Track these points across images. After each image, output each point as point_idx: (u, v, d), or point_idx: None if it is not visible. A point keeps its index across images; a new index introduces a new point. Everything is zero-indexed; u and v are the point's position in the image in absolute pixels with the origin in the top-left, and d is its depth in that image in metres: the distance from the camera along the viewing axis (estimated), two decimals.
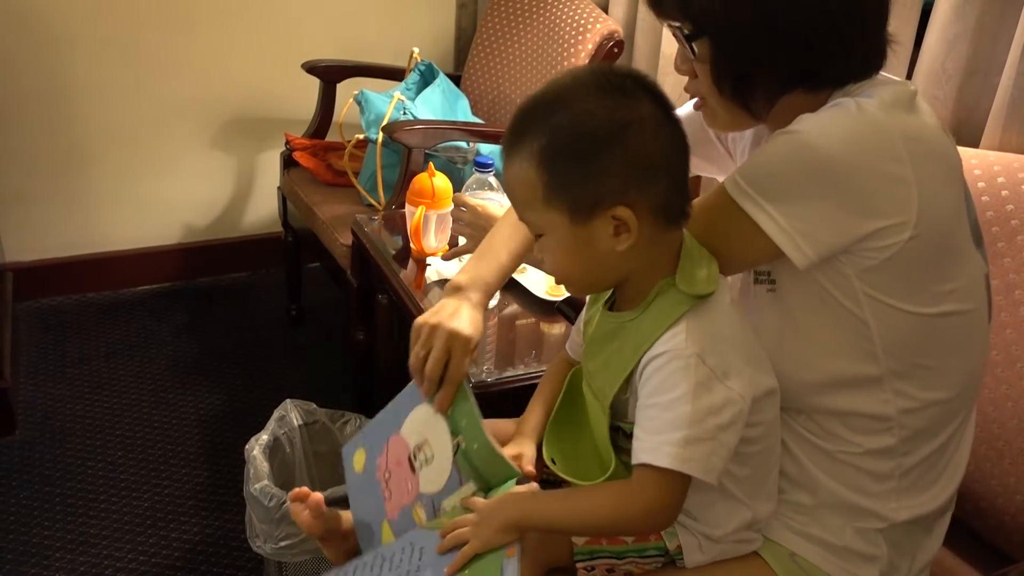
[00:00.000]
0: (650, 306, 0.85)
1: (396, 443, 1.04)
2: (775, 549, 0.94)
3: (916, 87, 0.88)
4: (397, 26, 2.58)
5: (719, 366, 0.81)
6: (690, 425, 0.79)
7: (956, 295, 0.88)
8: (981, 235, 0.94)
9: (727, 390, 0.81)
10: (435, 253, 1.60)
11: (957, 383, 0.91)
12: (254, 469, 1.38)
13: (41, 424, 1.98)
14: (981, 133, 1.34)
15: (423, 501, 0.98)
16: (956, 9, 1.35)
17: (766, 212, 0.83)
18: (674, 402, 0.80)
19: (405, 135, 1.84)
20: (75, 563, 1.62)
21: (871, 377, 0.88)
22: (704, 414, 0.79)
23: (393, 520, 1.01)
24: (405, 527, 0.98)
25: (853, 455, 0.91)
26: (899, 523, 0.92)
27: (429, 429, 0.99)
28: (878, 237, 0.81)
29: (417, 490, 0.99)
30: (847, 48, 0.86)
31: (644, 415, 0.82)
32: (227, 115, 2.49)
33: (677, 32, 0.89)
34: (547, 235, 0.85)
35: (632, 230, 0.81)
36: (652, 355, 0.83)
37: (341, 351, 2.34)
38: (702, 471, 0.79)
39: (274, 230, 2.57)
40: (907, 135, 0.82)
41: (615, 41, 2.04)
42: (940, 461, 0.93)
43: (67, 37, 2.23)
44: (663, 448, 0.79)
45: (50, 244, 2.43)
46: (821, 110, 0.85)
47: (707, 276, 0.84)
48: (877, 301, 0.85)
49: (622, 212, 0.80)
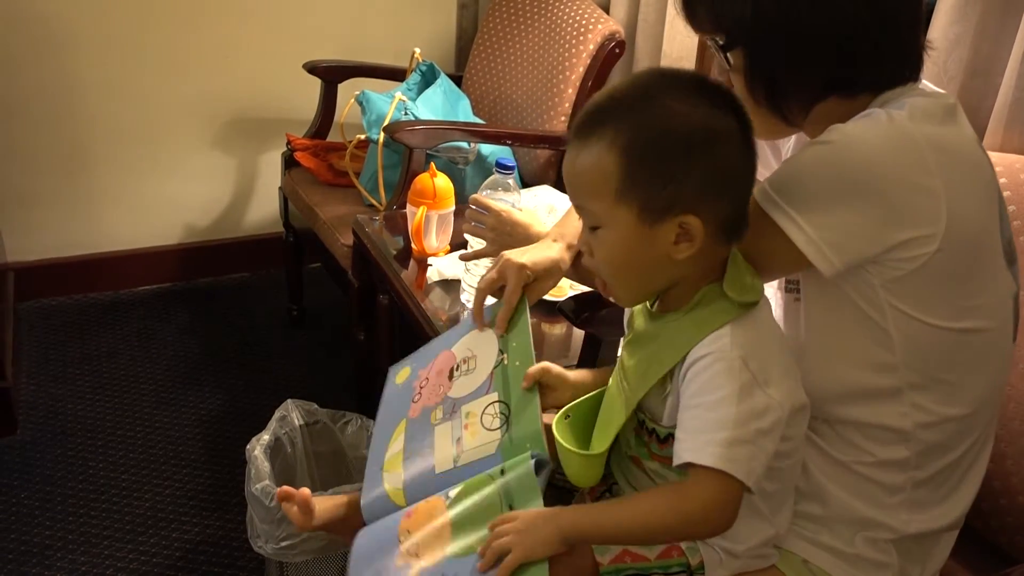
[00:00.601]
0: (693, 309, 0.85)
1: (445, 357, 1.09)
2: (788, 557, 0.94)
3: (955, 99, 0.88)
4: (398, 27, 2.58)
5: (761, 373, 0.81)
6: (734, 426, 0.78)
7: (981, 312, 0.87)
8: (1015, 254, 0.93)
9: (767, 397, 0.81)
10: (436, 253, 1.60)
11: (975, 400, 0.90)
12: (255, 469, 1.38)
13: (42, 424, 1.98)
14: (983, 134, 1.34)
15: (445, 403, 1.03)
16: (958, 10, 1.35)
17: (793, 221, 0.83)
18: (718, 403, 0.79)
19: (406, 135, 1.84)
20: (76, 563, 1.62)
21: (890, 389, 0.88)
22: (747, 417, 0.79)
23: (411, 419, 1.05)
24: (421, 427, 1.04)
25: (866, 465, 0.91)
26: (909, 535, 0.91)
27: (480, 346, 1.06)
28: (905, 248, 0.81)
29: (446, 394, 1.04)
30: (880, 55, 0.86)
31: (688, 415, 0.82)
32: (229, 115, 2.50)
33: (712, 43, 0.90)
34: (607, 228, 0.84)
35: (695, 241, 0.81)
36: (696, 356, 0.82)
37: (342, 351, 2.34)
38: (744, 473, 0.78)
39: (275, 230, 2.57)
40: (937, 147, 0.81)
41: (616, 42, 2.04)
42: (953, 476, 0.93)
43: (69, 37, 2.23)
44: (707, 448, 0.78)
45: (52, 244, 2.43)
46: (852, 120, 0.85)
47: (752, 284, 0.84)
48: (901, 312, 0.84)
49: (691, 221, 0.80)
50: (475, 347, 1.07)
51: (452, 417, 1.02)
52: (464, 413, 1.01)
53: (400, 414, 1.09)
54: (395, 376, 1.15)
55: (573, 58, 2.05)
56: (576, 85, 2.06)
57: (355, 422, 1.56)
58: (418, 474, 1.00)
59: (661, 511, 0.81)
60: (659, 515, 0.81)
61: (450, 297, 1.48)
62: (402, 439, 1.05)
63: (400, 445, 1.04)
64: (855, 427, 0.91)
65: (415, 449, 1.02)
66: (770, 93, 0.89)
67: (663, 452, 0.88)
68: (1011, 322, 0.92)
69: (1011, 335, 0.93)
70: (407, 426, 1.06)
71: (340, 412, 1.57)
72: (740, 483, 0.78)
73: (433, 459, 0.99)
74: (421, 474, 0.99)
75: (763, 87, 0.89)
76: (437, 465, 0.98)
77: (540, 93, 2.13)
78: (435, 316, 1.41)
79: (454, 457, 0.97)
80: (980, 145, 0.88)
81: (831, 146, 0.82)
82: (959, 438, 0.91)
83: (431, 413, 1.04)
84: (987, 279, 0.87)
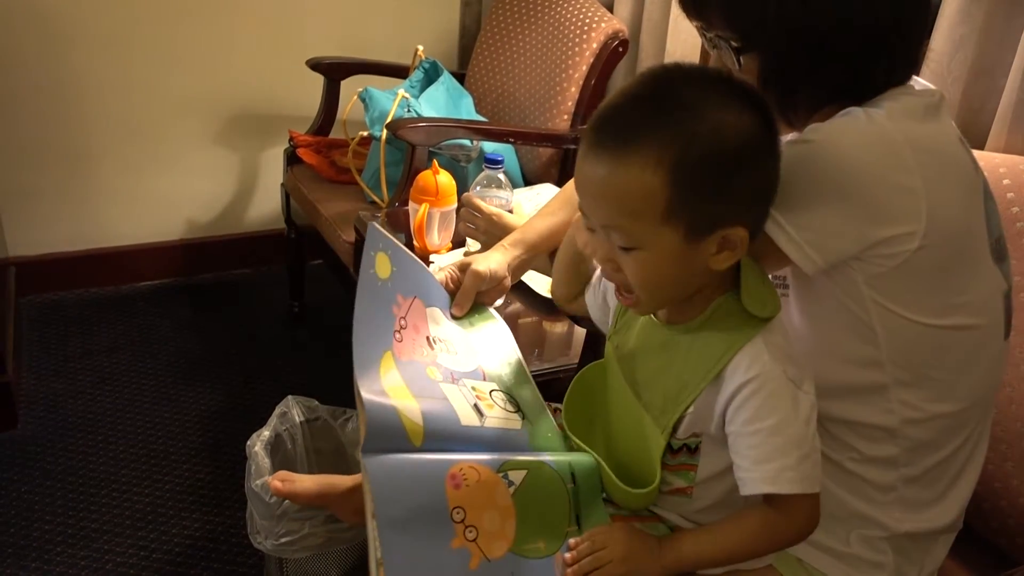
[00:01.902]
0: (708, 322, 0.84)
1: (418, 309, 1.06)
2: (783, 555, 0.94)
3: (941, 95, 0.88)
4: (401, 24, 2.58)
5: (797, 377, 0.82)
6: (799, 445, 0.80)
7: (968, 309, 0.87)
8: (1005, 251, 0.93)
9: (807, 396, 0.82)
10: (438, 250, 1.59)
11: (965, 397, 0.90)
12: (255, 465, 1.38)
13: (43, 419, 1.98)
14: (987, 135, 1.34)
15: (440, 368, 1.00)
16: (962, 11, 1.35)
17: (775, 221, 0.82)
18: (779, 427, 0.80)
19: (409, 132, 1.84)
20: (75, 558, 1.62)
21: (875, 385, 0.88)
22: (804, 427, 0.81)
23: (400, 360, 0.96)
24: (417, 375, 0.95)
25: (855, 462, 0.91)
26: (902, 534, 0.91)
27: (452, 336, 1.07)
28: (886, 246, 0.81)
29: (435, 360, 1.01)
30: (892, 62, 0.86)
31: (746, 443, 0.81)
32: (231, 111, 2.49)
33: (721, 43, 0.88)
34: (645, 250, 0.78)
35: (738, 251, 0.79)
36: (739, 381, 0.81)
37: (343, 348, 2.34)
38: (818, 484, 0.81)
39: (277, 227, 2.57)
40: (916, 145, 0.81)
41: (620, 40, 2.04)
42: (945, 475, 0.93)
43: (71, 33, 2.23)
44: (783, 475, 0.79)
45: (53, 239, 2.43)
46: (831, 120, 0.84)
47: (769, 292, 0.83)
48: (885, 309, 0.84)
49: (739, 233, 0.77)
50: (445, 334, 1.07)
51: (457, 384, 0.98)
52: (470, 386, 0.98)
53: (382, 340, 0.98)
54: (374, 262, 1.03)
55: (576, 56, 2.05)
56: (579, 83, 2.05)
57: (356, 419, 1.55)
58: (439, 415, 0.90)
59: (760, 541, 0.84)
60: (757, 544, 0.85)
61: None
62: (396, 374, 0.94)
63: (397, 379, 0.94)
64: (842, 424, 0.91)
65: (422, 391, 0.93)
66: (783, 98, 0.87)
67: (675, 461, 0.89)
68: (1001, 320, 0.92)
69: (1002, 333, 0.93)
70: (397, 366, 0.96)
71: (341, 409, 1.56)
72: (817, 493, 0.81)
73: (454, 409, 0.92)
74: (442, 417, 0.91)
75: (777, 91, 0.86)
76: (461, 417, 0.92)
77: (543, 91, 2.13)
78: None
79: (478, 418, 0.93)
80: (963, 142, 0.88)
81: (811, 146, 0.82)
82: (949, 436, 0.91)
83: (425, 368, 0.98)
84: (972, 276, 0.87)
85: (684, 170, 0.74)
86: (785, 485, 0.79)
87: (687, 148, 0.74)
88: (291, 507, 1.30)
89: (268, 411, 1.53)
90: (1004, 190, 1.15)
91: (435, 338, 1.05)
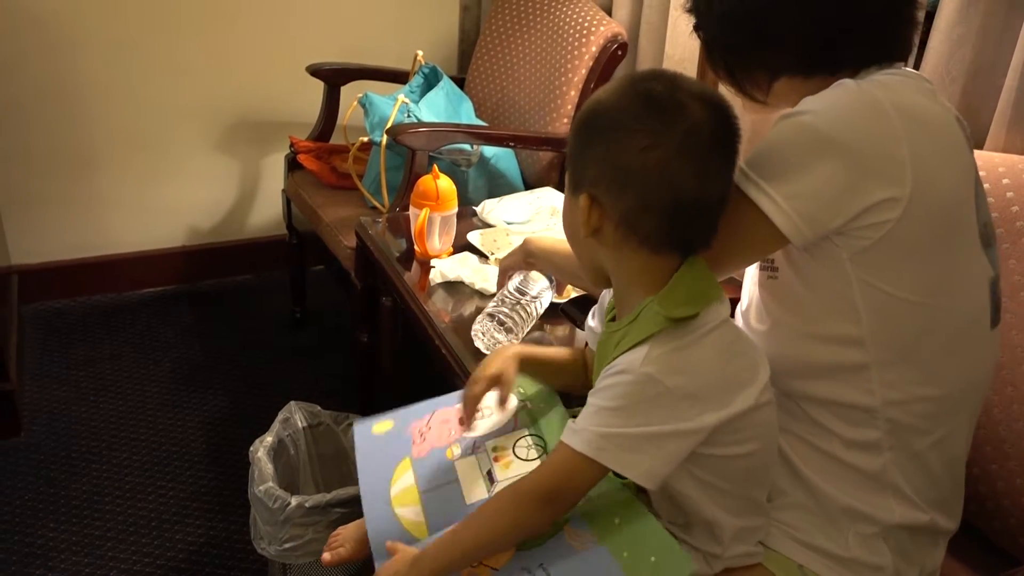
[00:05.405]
0: (635, 322, 0.86)
1: (444, 411, 1.11)
2: (784, 562, 0.94)
3: (932, 85, 0.90)
4: (401, 29, 2.59)
5: (677, 385, 0.81)
6: (621, 423, 0.82)
7: (953, 290, 0.88)
8: (993, 237, 0.93)
9: (681, 412, 0.82)
10: (439, 255, 1.60)
11: (950, 383, 0.91)
12: (258, 471, 1.39)
13: (46, 426, 1.99)
14: (985, 135, 1.34)
15: (463, 442, 1.04)
16: (960, 11, 1.35)
17: (765, 193, 0.85)
18: (609, 401, 0.83)
19: (409, 138, 1.84)
20: (79, 564, 1.63)
21: (855, 364, 0.89)
22: (634, 421, 0.81)
23: (418, 459, 1.05)
24: (434, 464, 1.03)
25: (839, 448, 0.92)
26: (895, 526, 0.91)
27: (489, 401, 1.09)
28: (871, 214, 0.82)
29: (459, 435, 1.06)
30: (848, 39, 0.90)
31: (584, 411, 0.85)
32: (232, 118, 2.50)
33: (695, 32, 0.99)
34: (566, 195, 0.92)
35: (592, 221, 0.85)
36: (611, 369, 0.85)
37: (345, 353, 2.35)
38: (599, 456, 0.82)
39: (278, 233, 2.57)
40: (905, 114, 0.83)
41: (619, 44, 2.04)
42: (934, 464, 0.92)
43: (74, 40, 2.24)
44: (582, 433, 0.83)
45: (56, 247, 2.44)
46: (822, 92, 0.87)
47: (698, 296, 0.84)
48: (869, 285, 0.86)
49: (585, 200, 0.85)
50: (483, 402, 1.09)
51: (476, 452, 1.03)
52: (490, 447, 1.03)
53: (398, 455, 1.07)
54: (370, 428, 1.13)
55: (576, 60, 2.06)
56: (579, 87, 2.06)
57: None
58: (444, 504, 0.99)
59: (501, 523, 0.86)
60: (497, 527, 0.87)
61: (453, 299, 1.48)
62: (411, 476, 1.03)
63: (410, 481, 1.03)
64: (821, 405, 0.92)
65: (433, 484, 1.02)
66: (729, 72, 0.98)
67: None
68: (987, 306, 0.93)
69: (988, 321, 0.93)
70: (413, 465, 1.05)
71: (343, 414, 1.57)
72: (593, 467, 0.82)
73: (461, 490, 1.00)
74: (448, 504, 0.99)
75: (722, 67, 0.98)
76: (467, 496, 0.99)
77: (542, 95, 2.13)
78: (438, 317, 1.41)
79: (487, 487, 0.99)
80: (961, 125, 0.89)
81: (801, 118, 0.85)
82: (934, 421, 0.91)
83: (445, 451, 1.05)
84: (958, 256, 0.88)
85: (573, 128, 0.88)
86: (578, 443, 0.82)
87: (582, 112, 0.88)
88: (294, 512, 1.30)
89: (271, 417, 1.53)
90: (1004, 190, 1.15)
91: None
